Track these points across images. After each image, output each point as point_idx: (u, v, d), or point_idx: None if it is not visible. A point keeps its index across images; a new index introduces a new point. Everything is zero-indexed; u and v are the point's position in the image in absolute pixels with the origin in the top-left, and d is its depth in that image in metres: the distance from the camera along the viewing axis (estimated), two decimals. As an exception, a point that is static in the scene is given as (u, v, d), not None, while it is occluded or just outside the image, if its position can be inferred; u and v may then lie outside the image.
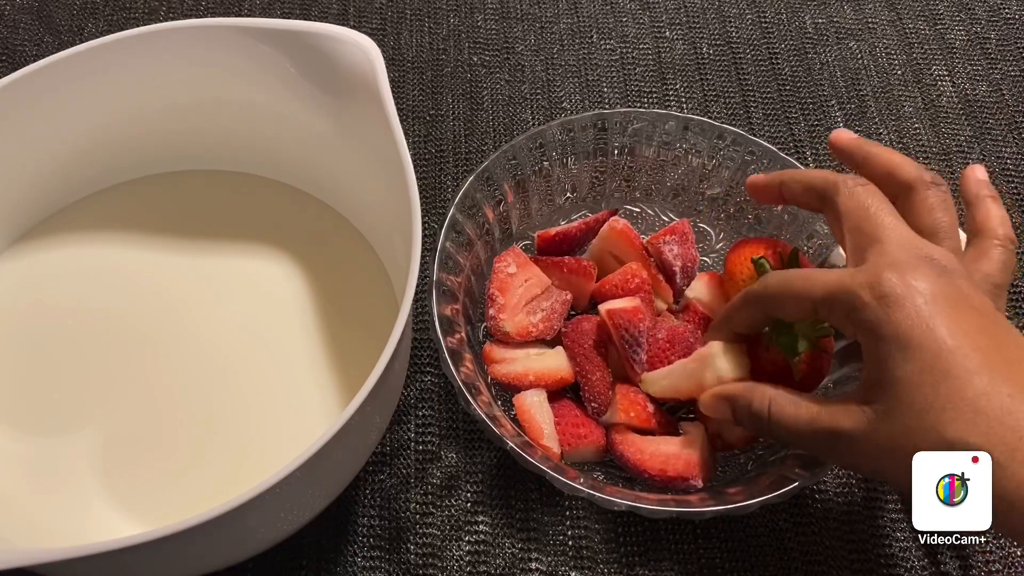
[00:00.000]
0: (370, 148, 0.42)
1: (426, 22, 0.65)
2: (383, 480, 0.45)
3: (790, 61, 0.64)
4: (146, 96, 0.45)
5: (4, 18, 0.63)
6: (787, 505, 0.44)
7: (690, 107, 0.61)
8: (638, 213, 0.53)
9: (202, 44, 0.43)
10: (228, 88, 0.45)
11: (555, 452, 0.42)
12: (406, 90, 0.60)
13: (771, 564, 0.43)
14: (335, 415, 0.33)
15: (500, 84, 0.61)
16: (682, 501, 0.40)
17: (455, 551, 0.43)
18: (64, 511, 0.40)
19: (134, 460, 0.41)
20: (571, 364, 0.45)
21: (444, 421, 0.47)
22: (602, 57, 0.63)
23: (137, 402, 0.43)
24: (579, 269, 0.47)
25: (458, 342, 0.43)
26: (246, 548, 0.38)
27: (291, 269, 0.47)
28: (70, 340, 0.44)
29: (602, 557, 0.43)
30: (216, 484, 0.40)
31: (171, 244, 0.48)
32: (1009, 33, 0.66)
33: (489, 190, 0.49)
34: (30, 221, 0.47)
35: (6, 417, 0.42)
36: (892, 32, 0.65)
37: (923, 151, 0.59)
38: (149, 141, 0.48)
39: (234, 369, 0.44)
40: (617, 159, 0.52)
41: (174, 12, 0.64)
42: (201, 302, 0.46)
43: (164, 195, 0.49)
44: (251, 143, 0.48)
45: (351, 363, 0.44)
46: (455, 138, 0.58)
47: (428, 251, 0.45)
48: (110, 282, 0.46)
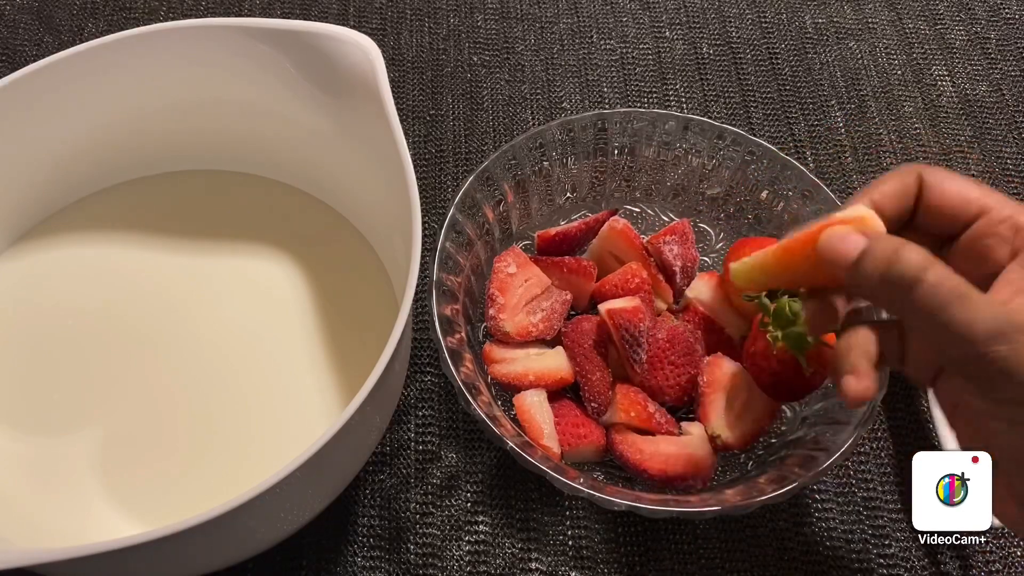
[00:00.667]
0: (370, 148, 0.42)
1: (426, 22, 0.65)
2: (383, 480, 0.45)
3: (790, 61, 0.64)
4: (146, 96, 0.45)
5: (4, 18, 0.63)
6: (787, 505, 0.44)
7: (690, 107, 0.61)
8: (638, 213, 0.53)
9: (202, 44, 0.43)
10: (228, 88, 0.45)
11: (555, 452, 0.42)
12: (406, 90, 0.60)
13: (771, 564, 0.43)
14: (335, 415, 0.33)
15: (500, 84, 0.61)
16: (682, 501, 0.40)
17: (455, 551, 0.43)
18: (64, 511, 0.40)
19: (134, 460, 0.41)
20: (571, 364, 0.45)
21: (444, 421, 0.47)
22: (602, 57, 0.63)
23: (137, 402, 0.43)
24: (579, 269, 0.47)
25: (458, 342, 0.43)
26: (246, 548, 0.38)
27: (291, 269, 0.47)
28: (70, 340, 0.44)
29: (602, 557, 0.43)
30: (216, 484, 0.40)
31: (171, 244, 0.48)
32: (1009, 33, 0.66)
33: (489, 190, 0.49)
34: (30, 221, 0.47)
35: (6, 417, 0.42)
36: (892, 32, 0.65)
37: (923, 151, 0.59)
38: (149, 141, 0.48)
39: (234, 369, 0.44)
40: (617, 159, 0.52)
41: (174, 12, 0.64)
42: (201, 302, 0.46)
43: (164, 195, 0.49)
44: (251, 143, 0.48)
45: (351, 363, 0.44)
46: (455, 138, 0.58)
47: (428, 251, 0.45)
48: (110, 282, 0.46)
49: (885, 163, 0.58)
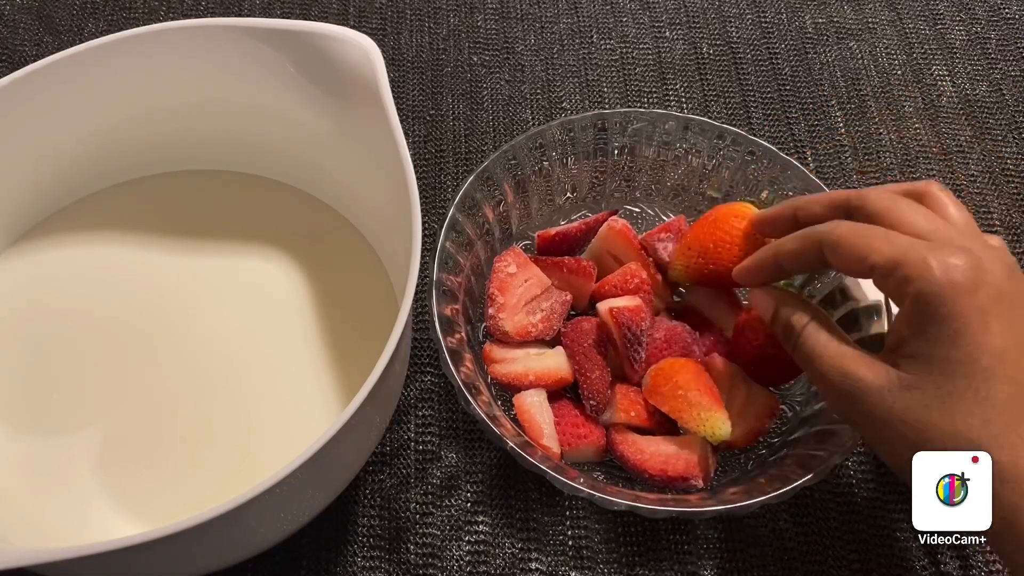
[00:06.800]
0: (370, 148, 0.42)
1: (426, 22, 0.65)
2: (383, 480, 0.45)
3: (790, 61, 0.64)
4: (146, 96, 0.45)
5: (4, 18, 0.63)
6: (787, 505, 0.44)
7: (690, 107, 0.61)
8: (638, 213, 0.53)
9: (202, 44, 0.43)
10: (228, 88, 0.45)
11: (555, 452, 0.42)
12: (406, 90, 0.60)
13: (771, 564, 0.43)
14: (335, 415, 0.33)
15: (500, 84, 0.61)
16: (682, 501, 0.40)
17: (455, 551, 0.43)
18: (64, 511, 0.40)
19: (134, 460, 0.41)
20: (570, 363, 0.45)
21: (444, 421, 0.47)
22: (602, 57, 0.63)
23: (137, 402, 0.43)
24: (579, 269, 0.47)
25: (458, 342, 0.43)
26: (246, 548, 0.38)
27: (291, 269, 0.47)
28: (70, 340, 0.44)
29: (602, 557, 0.43)
30: (216, 484, 0.40)
31: (171, 244, 0.48)
32: (1009, 33, 0.66)
33: (489, 190, 0.49)
34: (30, 221, 0.47)
35: (6, 417, 0.42)
36: (892, 32, 0.65)
37: (923, 151, 0.59)
38: (149, 141, 0.48)
39: (234, 369, 0.44)
40: (617, 159, 0.52)
41: (174, 12, 0.64)
42: (201, 302, 0.46)
43: (164, 195, 0.49)
44: (251, 143, 0.48)
45: (351, 363, 0.44)
46: (455, 138, 0.58)
47: (428, 251, 0.45)
48: (110, 282, 0.46)
49: (885, 163, 0.58)
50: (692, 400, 0.41)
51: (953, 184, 0.57)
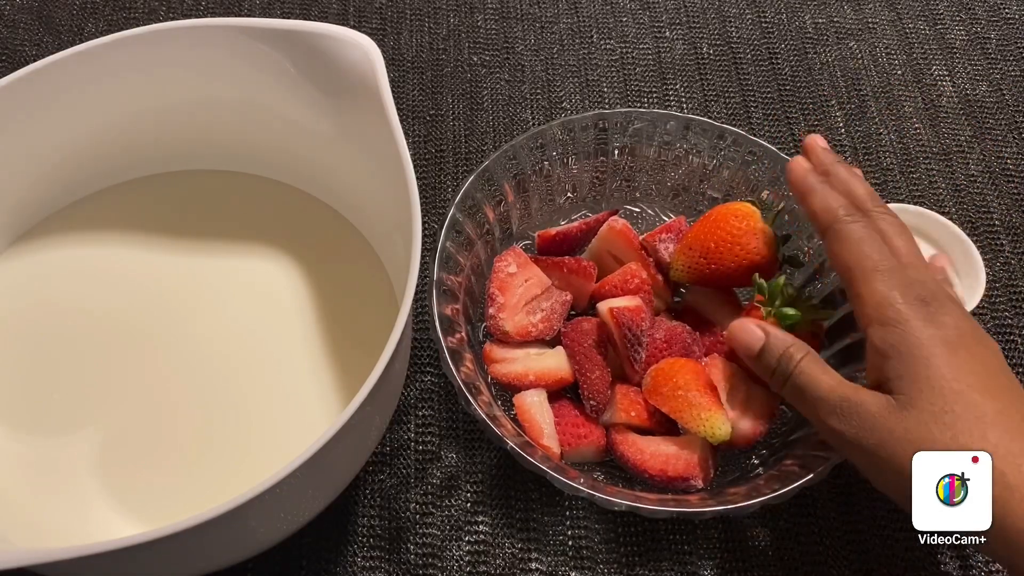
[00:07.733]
0: (370, 148, 0.42)
1: (426, 22, 0.65)
2: (383, 480, 0.45)
3: (790, 61, 0.64)
4: (146, 96, 0.45)
5: (4, 18, 0.63)
6: (787, 505, 0.44)
7: (690, 107, 0.61)
8: (638, 213, 0.53)
9: (202, 44, 0.43)
10: (228, 88, 0.45)
11: (555, 452, 0.42)
12: (406, 90, 0.60)
13: (771, 564, 0.43)
14: (335, 415, 0.33)
15: (500, 84, 0.61)
16: (682, 501, 0.40)
17: (455, 551, 0.43)
18: (64, 511, 0.40)
19: (134, 460, 0.41)
20: (570, 363, 0.45)
21: (444, 421, 0.47)
22: (602, 57, 0.63)
23: (137, 402, 0.43)
24: (579, 269, 0.47)
25: (458, 342, 0.43)
26: (246, 548, 0.38)
27: (291, 269, 0.47)
28: (70, 340, 0.44)
29: (602, 557, 0.43)
30: (216, 484, 0.40)
31: (171, 244, 0.48)
32: (1009, 33, 0.66)
33: (489, 190, 0.49)
34: (30, 221, 0.47)
35: (6, 417, 0.42)
36: (892, 32, 0.65)
37: (923, 151, 0.59)
38: (149, 141, 0.48)
39: (234, 369, 0.44)
40: (617, 159, 0.52)
41: (174, 12, 0.64)
42: (201, 302, 0.46)
43: (164, 195, 0.49)
44: (251, 143, 0.48)
45: (351, 363, 0.44)
46: (455, 138, 0.58)
47: (428, 251, 0.45)
48: (110, 282, 0.46)
49: (885, 163, 0.58)
50: (692, 400, 0.41)
51: (953, 184, 0.57)
